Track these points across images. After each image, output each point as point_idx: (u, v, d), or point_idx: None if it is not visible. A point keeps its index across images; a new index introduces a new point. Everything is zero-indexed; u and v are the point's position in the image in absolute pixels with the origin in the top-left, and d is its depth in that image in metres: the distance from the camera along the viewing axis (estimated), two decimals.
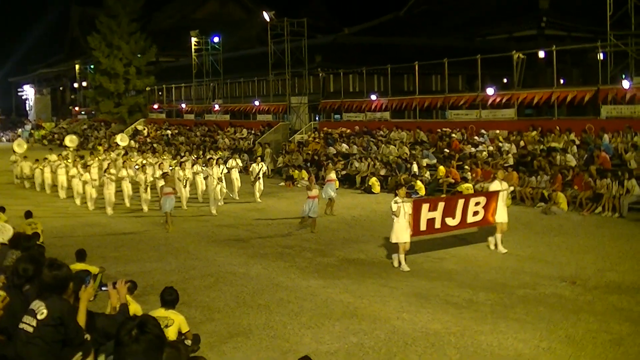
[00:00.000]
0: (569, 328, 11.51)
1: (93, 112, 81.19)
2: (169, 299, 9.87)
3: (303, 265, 17.00)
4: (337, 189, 26.79)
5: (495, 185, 18.10)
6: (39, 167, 34.68)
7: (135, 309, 9.19)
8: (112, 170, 27.57)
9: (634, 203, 23.00)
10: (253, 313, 12.82)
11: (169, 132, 59.29)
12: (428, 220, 16.79)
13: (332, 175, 26.07)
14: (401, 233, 16.10)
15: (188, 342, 9.71)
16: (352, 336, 11.38)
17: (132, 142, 54.18)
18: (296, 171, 36.04)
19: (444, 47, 52.68)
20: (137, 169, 29.06)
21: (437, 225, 17.07)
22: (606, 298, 13.32)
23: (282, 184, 35.35)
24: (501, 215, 17.73)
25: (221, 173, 27.57)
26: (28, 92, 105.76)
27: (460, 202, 17.56)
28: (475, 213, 17.53)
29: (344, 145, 38.37)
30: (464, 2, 71.35)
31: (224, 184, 27.76)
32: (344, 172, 34.17)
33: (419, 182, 29.23)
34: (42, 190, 33.86)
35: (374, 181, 31.04)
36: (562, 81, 42.43)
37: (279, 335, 11.55)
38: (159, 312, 9.47)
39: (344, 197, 28.73)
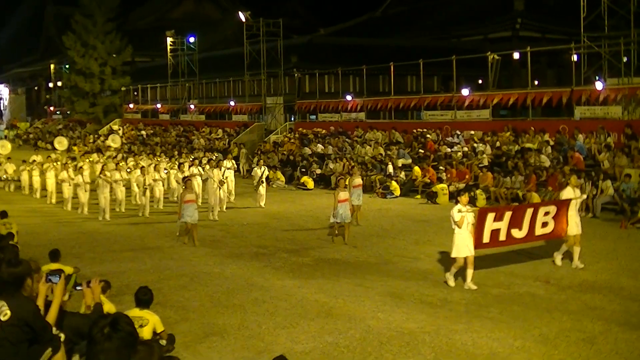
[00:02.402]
0: (542, 327, 11.60)
1: (68, 112, 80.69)
2: (144, 298, 9.84)
3: (278, 265, 16.99)
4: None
5: (567, 193, 16.22)
6: (26, 169, 32.91)
7: (109, 308, 9.14)
8: (107, 173, 25.94)
9: (607, 203, 23.22)
10: (228, 313, 12.79)
11: (144, 132, 58.98)
12: (492, 231, 14.97)
13: (358, 180, 22.91)
14: (463, 246, 14.23)
15: (163, 342, 9.67)
16: (327, 336, 11.39)
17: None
18: (271, 171, 35.97)
19: (420, 48, 53.02)
20: (130, 172, 27.92)
21: (502, 237, 15.26)
22: (579, 297, 13.44)
23: None
24: (573, 227, 15.89)
25: (222, 176, 26.13)
26: (2, 91, 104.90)
27: (529, 211, 15.70)
28: (545, 224, 15.78)
29: (320, 146, 38.39)
30: (440, 3, 71.58)
31: (225, 187, 26.43)
32: (319, 172, 34.26)
33: (394, 183, 29.38)
34: (31, 192, 32.32)
35: None
36: (536, 82, 42.69)
37: (254, 334, 11.53)
38: (134, 312, 9.43)
39: (320, 198, 28.90)
